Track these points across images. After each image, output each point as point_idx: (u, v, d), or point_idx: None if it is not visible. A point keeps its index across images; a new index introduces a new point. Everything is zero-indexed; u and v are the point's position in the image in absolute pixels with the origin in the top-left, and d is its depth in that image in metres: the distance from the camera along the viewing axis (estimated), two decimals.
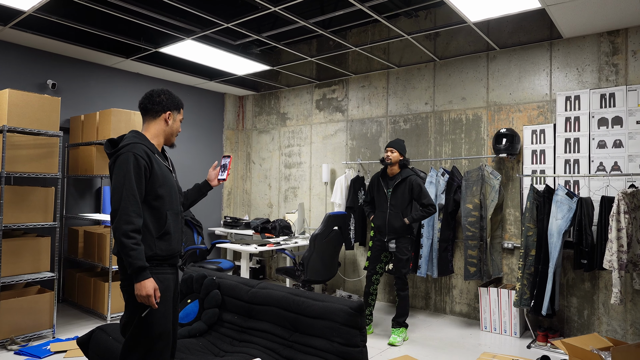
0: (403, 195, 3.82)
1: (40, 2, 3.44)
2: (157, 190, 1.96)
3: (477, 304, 4.46)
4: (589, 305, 3.87)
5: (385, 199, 3.89)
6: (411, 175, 3.82)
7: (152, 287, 1.86)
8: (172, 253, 2.02)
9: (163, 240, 1.97)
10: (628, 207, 3.24)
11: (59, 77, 4.85)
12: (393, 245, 3.86)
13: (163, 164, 2.04)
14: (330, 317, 2.37)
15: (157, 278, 1.94)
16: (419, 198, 3.77)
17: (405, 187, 3.81)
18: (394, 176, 3.89)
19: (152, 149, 2.01)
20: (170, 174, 2.07)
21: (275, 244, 4.76)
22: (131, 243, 1.82)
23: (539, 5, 3.34)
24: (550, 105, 4.11)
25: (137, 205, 1.87)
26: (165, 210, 1.99)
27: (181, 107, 2.17)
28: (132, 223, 1.84)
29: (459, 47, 4.63)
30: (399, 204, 3.82)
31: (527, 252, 3.74)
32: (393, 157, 3.84)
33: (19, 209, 3.67)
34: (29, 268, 3.75)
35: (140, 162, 1.90)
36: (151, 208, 1.96)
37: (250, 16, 3.77)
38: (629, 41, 3.76)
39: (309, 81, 5.85)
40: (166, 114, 2.09)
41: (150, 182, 1.95)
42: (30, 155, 3.73)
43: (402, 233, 3.82)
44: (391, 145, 3.86)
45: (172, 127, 2.12)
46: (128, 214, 1.84)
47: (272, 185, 6.34)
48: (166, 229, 1.98)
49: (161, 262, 1.98)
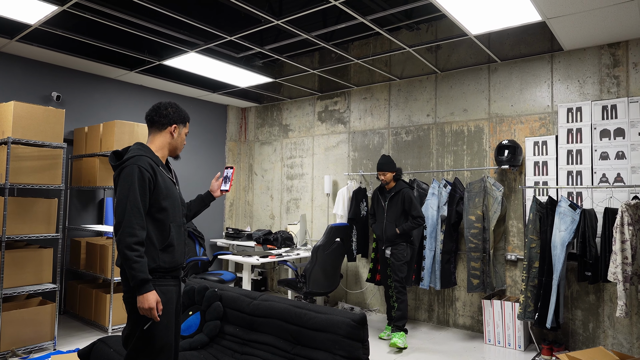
0: (397, 207, 4.16)
1: (46, 15, 3.49)
2: (161, 202, 1.97)
3: (480, 316, 4.42)
4: (594, 318, 3.83)
5: (383, 211, 4.26)
6: (404, 188, 4.16)
7: (154, 300, 1.86)
8: (175, 265, 2.02)
9: (166, 253, 1.98)
10: (632, 218, 3.23)
11: (64, 89, 4.90)
12: (388, 252, 4.20)
13: (167, 177, 2.05)
14: (333, 329, 2.35)
15: (160, 290, 1.94)
16: (409, 210, 4.08)
17: (399, 199, 4.15)
18: (390, 189, 4.25)
19: (157, 161, 2.02)
20: (173, 186, 2.08)
21: (277, 256, 4.75)
22: (134, 255, 1.82)
23: (539, 18, 3.37)
24: (552, 116, 4.12)
25: (141, 218, 1.88)
26: (169, 223, 2.00)
27: (187, 120, 2.19)
28: (136, 235, 1.84)
29: (460, 59, 4.67)
30: (393, 214, 4.18)
31: (531, 264, 3.71)
32: (387, 178, 4.20)
33: (22, 220, 3.68)
34: (31, 279, 3.75)
35: (144, 175, 1.91)
36: (155, 220, 1.97)
37: (253, 29, 3.81)
38: (629, 53, 3.78)
39: (311, 93, 5.89)
40: (172, 127, 2.10)
41: (154, 194, 1.95)
42: (34, 167, 3.76)
43: (395, 240, 4.14)
44: (380, 169, 4.19)
45: (177, 141, 2.14)
46: (132, 227, 1.84)
47: (274, 196, 6.34)
48: (169, 241, 1.99)
49: (164, 274, 1.98)
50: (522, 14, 3.33)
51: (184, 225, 2.14)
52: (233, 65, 4.66)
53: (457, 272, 4.55)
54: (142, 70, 4.97)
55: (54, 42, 4.32)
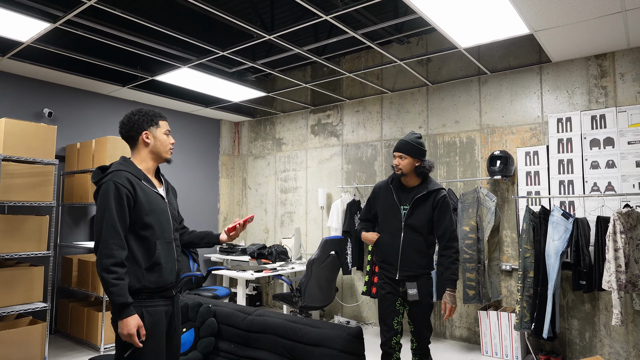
0: (424, 216, 2.65)
1: (38, 33, 3.50)
2: (144, 219, 1.86)
3: (477, 327, 4.40)
4: (590, 327, 3.83)
5: (398, 218, 2.69)
6: (439, 189, 2.67)
7: (134, 326, 1.75)
8: (163, 285, 1.90)
9: (153, 272, 1.86)
10: (624, 226, 3.25)
11: (56, 105, 4.89)
12: (414, 292, 2.62)
13: (151, 191, 1.93)
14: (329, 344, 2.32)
15: (147, 311, 1.84)
16: (440, 225, 2.63)
17: (429, 204, 2.65)
18: (412, 188, 2.72)
19: (139, 175, 1.91)
20: (161, 200, 1.96)
21: (271, 270, 4.71)
22: (111, 278, 1.72)
23: (527, 31, 3.43)
24: (542, 127, 4.17)
25: (119, 237, 1.77)
26: (155, 240, 1.88)
27: (159, 118, 2.01)
28: (113, 256, 1.74)
29: (451, 71, 4.73)
30: (417, 227, 2.65)
31: (526, 273, 3.72)
32: (404, 164, 2.66)
33: (12, 238, 3.63)
34: (21, 299, 3.68)
35: (121, 191, 1.80)
36: (139, 238, 1.86)
37: (245, 44, 3.84)
38: (616, 64, 3.86)
39: (304, 107, 5.92)
40: (143, 134, 1.96)
41: (136, 210, 1.84)
42: (25, 184, 3.72)
43: (422, 271, 2.66)
44: (400, 149, 2.67)
45: (157, 145, 1.99)
46: (108, 247, 1.74)
47: (268, 210, 6.32)
48: (155, 259, 1.86)
49: (152, 294, 1.87)
50: (510, 27, 3.39)
51: (176, 240, 2.02)
52: (226, 80, 4.68)
53: None
54: (134, 85, 4.98)
55: (46, 58, 4.32)
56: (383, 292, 2.73)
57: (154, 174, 2.04)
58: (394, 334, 2.68)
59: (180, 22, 4.30)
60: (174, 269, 1.96)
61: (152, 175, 2.01)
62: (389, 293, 2.71)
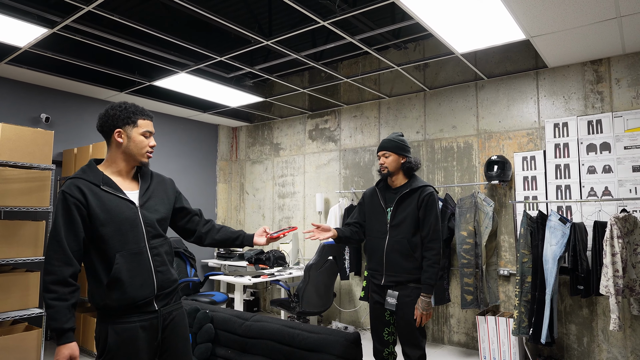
0: (409, 216, 2.51)
1: (36, 38, 3.50)
2: (99, 229, 1.67)
3: (475, 333, 4.39)
4: (588, 332, 3.82)
5: (383, 221, 2.58)
6: (425, 186, 2.55)
7: (64, 356, 1.58)
8: (129, 303, 1.69)
9: (114, 289, 1.66)
10: (621, 231, 3.25)
11: (53, 110, 4.88)
12: (393, 300, 2.47)
13: (113, 197, 1.72)
14: (326, 349, 2.31)
15: (113, 329, 1.67)
16: (425, 224, 2.49)
17: (413, 202, 2.52)
18: (398, 188, 2.63)
19: (97, 180, 1.71)
20: (126, 206, 1.73)
21: (269, 275, 4.70)
22: (49, 298, 1.57)
23: (523, 36, 3.46)
24: (539, 132, 4.19)
25: (62, 252, 1.61)
26: (113, 253, 1.67)
27: (139, 116, 1.79)
28: (53, 273, 1.59)
29: (448, 77, 4.75)
30: (403, 228, 2.51)
31: (523, 278, 3.71)
32: (389, 162, 2.60)
33: (8, 243, 3.61)
34: (16, 304, 3.66)
35: (68, 201, 1.65)
36: (98, 251, 1.69)
37: (243, 50, 3.85)
38: (612, 70, 3.88)
39: (302, 112, 5.93)
40: (115, 132, 1.76)
41: (91, 221, 1.67)
42: (22, 189, 3.71)
43: (409, 277, 2.48)
44: (383, 147, 2.63)
45: (130, 146, 1.77)
46: (50, 263, 1.60)
47: (266, 215, 6.31)
48: (114, 274, 1.66)
49: (119, 311, 1.69)
50: (506, 32, 3.41)
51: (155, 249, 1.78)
52: (223, 85, 4.69)
53: (450, 288, 4.53)
54: (132, 91, 4.98)
55: (44, 64, 4.32)
56: (372, 302, 2.64)
57: (131, 175, 1.84)
58: (386, 345, 2.59)
59: (178, 27, 4.31)
60: (149, 282, 1.74)
61: (124, 178, 1.81)
62: (377, 303, 2.60)
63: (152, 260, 1.77)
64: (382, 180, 2.72)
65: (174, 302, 1.87)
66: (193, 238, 2.05)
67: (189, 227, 2.02)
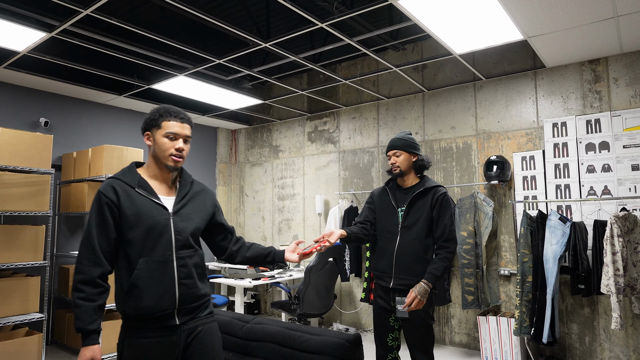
0: (422, 217, 2.44)
1: (34, 42, 3.50)
2: (127, 232, 1.65)
3: (476, 333, 4.38)
4: (590, 331, 3.82)
5: (394, 221, 2.50)
6: (438, 187, 2.49)
7: (86, 358, 1.55)
8: (145, 312, 1.62)
9: (131, 296, 1.62)
10: (621, 230, 3.26)
11: (52, 115, 4.88)
12: (402, 308, 2.36)
13: (147, 200, 1.69)
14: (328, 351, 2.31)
15: (129, 342, 1.63)
16: (439, 225, 2.42)
17: (427, 203, 2.45)
18: (410, 188, 2.55)
19: (133, 182, 1.70)
20: (159, 211, 1.69)
21: (269, 278, 4.69)
22: (77, 297, 1.57)
23: (521, 37, 3.46)
24: (538, 132, 4.19)
25: (93, 252, 1.61)
26: (138, 258, 1.64)
27: (163, 118, 1.74)
28: (83, 273, 1.59)
29: (446, 77, 4.75)
30: (417, 228, 2.43)
31: (524, 278, 3.71)
32: (400, 161, 2.51)
33: (8, 248, 3.61)
34: (17, 309, 3.65)
35: (102, 201, 1.65)
36: (125, 255, 1.66)
37: (241, 52, 3.86)
38: (609, 69, 3.89)
39: (301, 114, 5.93)
40: (144, 136, 1.78)
41: (122, 223, 1.66)
42: (21, 194, 3.71)
43: (419, 280, 2.37)
44: (394, 146, 2.54)
45: (155, 150, 1.74)
46: (81, 262, 1.61)
47: (266, 217, 6.30)
48: (133, 281, 1.61)
49: (138, 322, 1.64)
50: (504, 33, 3.41)
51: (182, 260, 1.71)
52: (222, 87, 4.69)
53: (451, 288, 4.53)
54: (131, 94, 4.98)
55: (42, 68, 4.32)
56: (376, 306, 2.55)
57: (169, 180, 1.79)
58: (389, 351, 2.50)
59: (176, 30, 4.31)
60: (169, 293, 1.66)
61: (161, 183, 1.77)
62: (382, 308, 2.51)
63: (177, 271, 1.69)
64: (392, 180, 2.63)
65: (202, 316, 1.76)
66: (224, 256, 1.97)
67: (222, 245, 1.96)
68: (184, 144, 1.75)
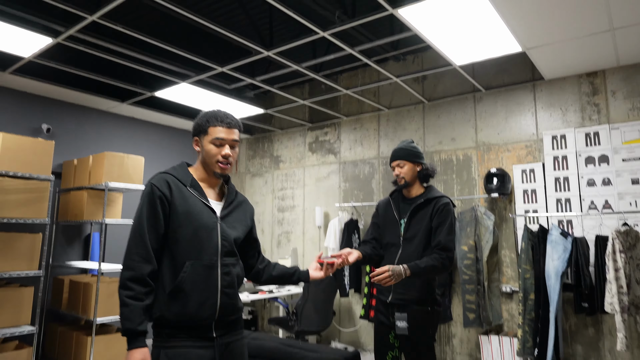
0: (423, 229, 2.35)
1: (40, 48, 3.53)
2: (176, 231, 1.58)
3: (479, 353, 4.29)
4: (595, 352, 3.73)
5: (396, 233, 2.41)
6: (442, 197, 2.40)
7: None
8: (188, 319, 1.54)
9: (175, 300, 1.53)
10: (623, 246, 3.21)
11: (54, 121, 4.89)
12: (403, 324, 2.25)
13: (197, 200, 1.64)
14: None
15: (165, 353, 1.51)
16: (437, 232, 2.30)
17: (428, 213, 2.36)
18: (413, 199, 2.46)
19: (186, 180, 1.66)
20: (208, 213, 1.64)
21: (267, 292, 4.62)
22: (124, 295, 1.47)
23: (520, 49, 3.48)
24: (537, 144, 4.18)
25: (144, 247, 1.52)
26: (184, 260, 1.56)
27: (209, 124, 1.68)
28: (132, 269, 1.50)
29: (446, 89, 4.77)
30: (417, 240, 2.34)
31: (527, 295, 3.64)
32: (405, 171, 2.43)
33: (2, 256, 3.56)
34: (8, 321, 3.54)
35: (155, 193, 1.58)
36: (170, 254, 1.58)
37: (244, 61, 3.88)
38: (607, 82, 3.89)
39: (302, 124, 5.94)
40: (193, 141, 1.75)
41: (171, 220, 1.59)
42: (20, 200, 3.68)
43: (418, 295, 2.29)
44: (397, 157, 2.46)
45: (203, 156, 1.71)
46: (130, 258, 1.52)
47: (265, 230, 6.26)
48: (178, 284, 1.54)
49: (175, 330, 1.54)
50: (503, 44, 3.43)
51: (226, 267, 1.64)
52: (225, 96, 4.71)
53: (452, 306, 4.45)
54: (133, 102, 5.00)
55: (46, 74, 4.35)
56: (377, 322, 2.45)
57: (216, 187, 1.76)
58: None
59: (179, 38, 4.35)
60: (211, 301, 1.58)
61: (208, 187, 1.73)
62: (382, 324, 2.39)
63: (220, 278, 1.62)
64: (397, 191, 2.54)
65: (235, 331, 1.70)
66: (251, 273, 1.91)
67: (250, 262, 1.90)
68: (231, 149, 1.70)
